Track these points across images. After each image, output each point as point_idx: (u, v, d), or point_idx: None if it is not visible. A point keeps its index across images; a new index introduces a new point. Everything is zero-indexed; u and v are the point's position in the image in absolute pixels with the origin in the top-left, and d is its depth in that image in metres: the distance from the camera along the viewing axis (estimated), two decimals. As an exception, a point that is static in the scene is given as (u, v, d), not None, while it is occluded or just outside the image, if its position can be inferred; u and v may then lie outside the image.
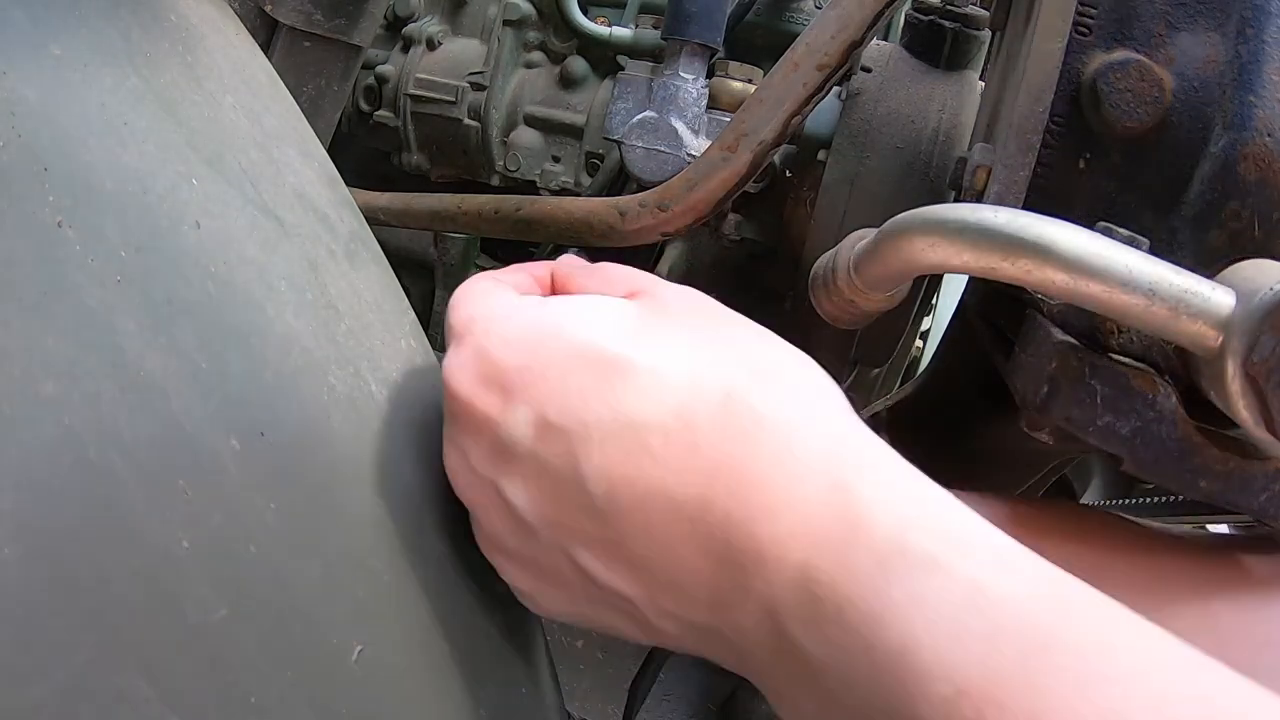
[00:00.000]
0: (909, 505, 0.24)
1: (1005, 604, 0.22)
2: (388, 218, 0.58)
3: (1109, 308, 0.27)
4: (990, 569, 0.23)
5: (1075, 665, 0.21)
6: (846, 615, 0.22)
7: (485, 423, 0.27)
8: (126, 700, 0.21)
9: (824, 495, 0.24)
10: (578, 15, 0.64)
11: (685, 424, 0.25)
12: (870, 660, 0.22)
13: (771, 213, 0.57)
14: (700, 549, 0.25)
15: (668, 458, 0.25)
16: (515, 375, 0.27)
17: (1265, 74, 0.30)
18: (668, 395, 0.25)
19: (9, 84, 0.23)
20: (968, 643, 0.21)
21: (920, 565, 0.23)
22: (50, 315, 0.22)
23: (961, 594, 0.22)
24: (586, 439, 0.25)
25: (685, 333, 0.27)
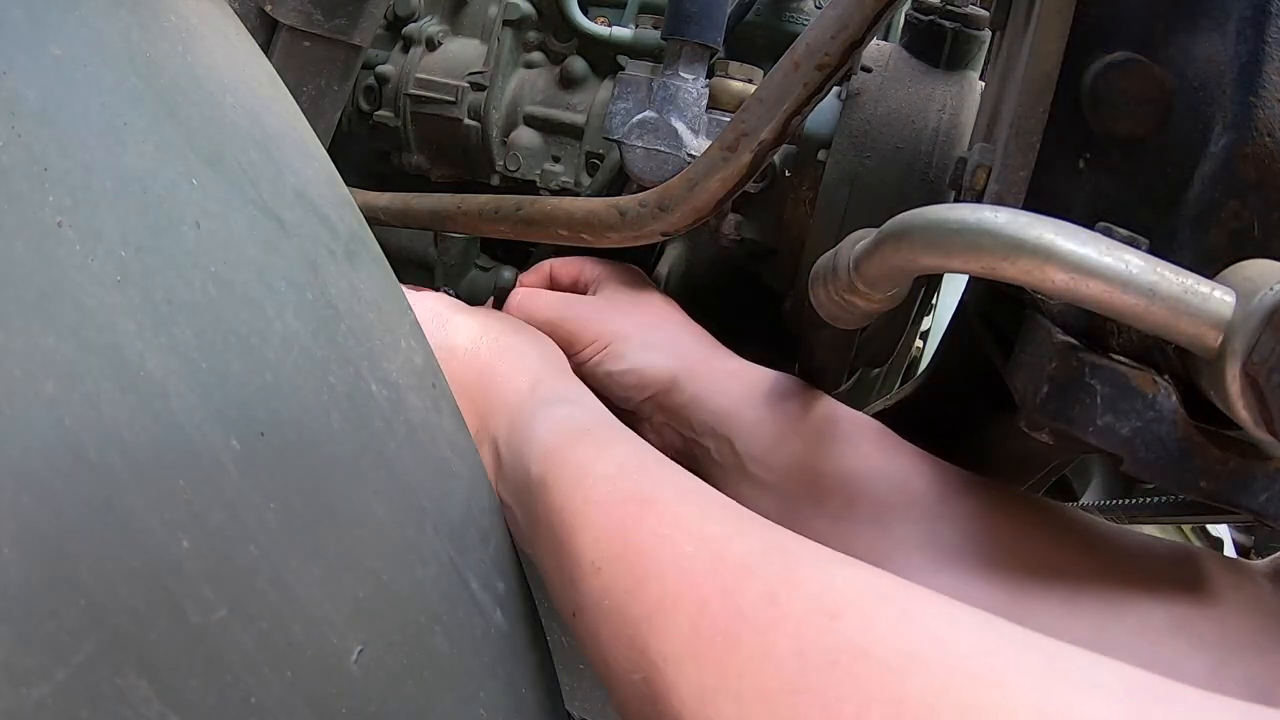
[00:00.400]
0: (564, 390, 0.44)
1: (580, 420, 0.40)
2: (388, 218, 0.58)
3: (1109, 308, 0.27)
4: (580, 410, 0.41)
5: (597, 441, 0.37)
6: (513, 431, 0.40)
7: None
8: (126, 700, 0.21)
9: (523, 386, 0.43)
10: (578, 15, 0.64)
11: (470, 350, 0.46)
12: (514, 452, 0.39)
13: (771, 213, 0.57)
14: (467, 415, 0.40)
15: (461, 364, 0.45)
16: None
17: (1265, 74, 0.30)
18: (464, 335, 0.47)
19: (9, 84, 0.23)
20: (554, 431, 0.38)
21: (549, 404, 0.41)
22: (50, 315, 0.22)
23: (561, 413, 0.40)
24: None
25: (484, 314, 0.50)
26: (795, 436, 0.46)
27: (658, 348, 0.51)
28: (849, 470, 0.44)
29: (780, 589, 0.26)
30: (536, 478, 0.36)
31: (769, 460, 0.46)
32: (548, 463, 0.36)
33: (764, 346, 0.60)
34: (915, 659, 0.22)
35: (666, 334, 0.52)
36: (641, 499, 0.32)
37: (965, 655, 0.22)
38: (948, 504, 0.41)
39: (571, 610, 0.32)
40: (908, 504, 0.42)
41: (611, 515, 0.32)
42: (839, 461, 0.44)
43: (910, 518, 0.41)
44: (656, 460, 0.35)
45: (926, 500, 0.42)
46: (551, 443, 0.37)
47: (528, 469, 0.37)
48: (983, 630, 0.23)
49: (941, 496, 0.42)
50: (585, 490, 0.34)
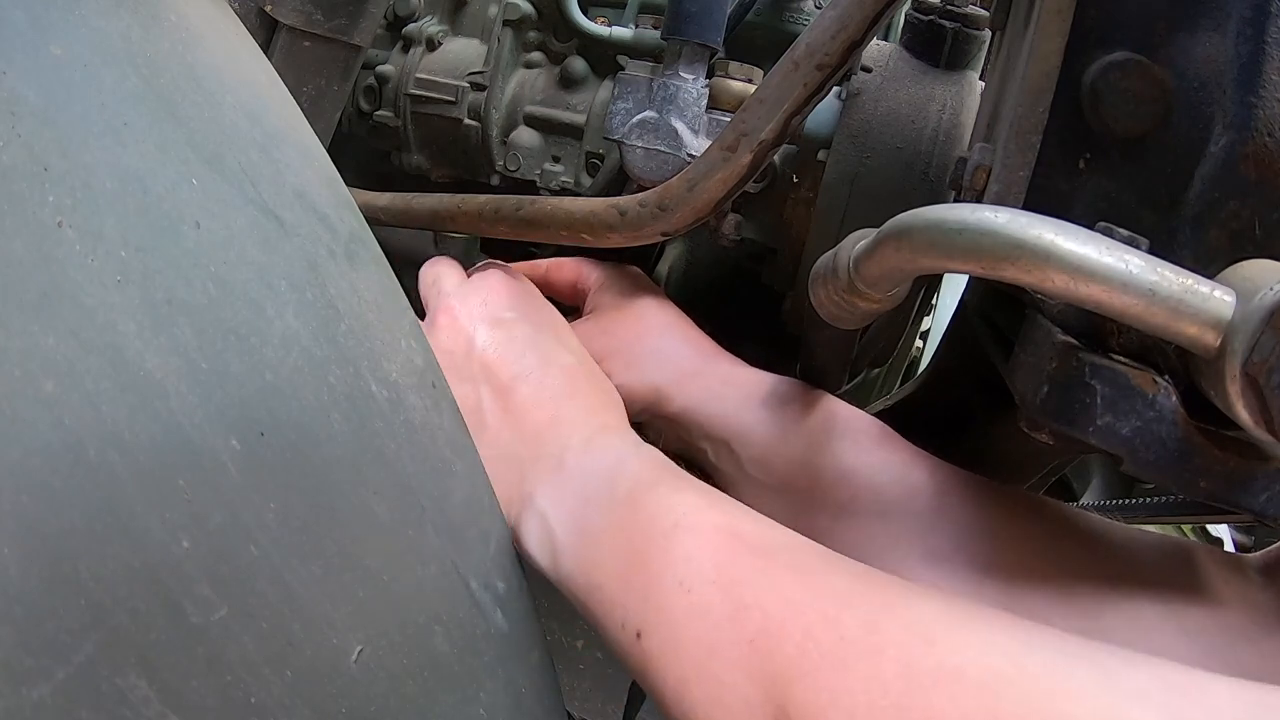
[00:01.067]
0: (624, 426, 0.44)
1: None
2: (388, 218, 0.58)
3: (1109, 308, 0.27)
4: (639, 445, 0.41)
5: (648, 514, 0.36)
6: (601, 449, 0.40)
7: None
8: (126, 700, 0.21)
9: (610, 422, 0.43)
10: (578, 15, 0.64)
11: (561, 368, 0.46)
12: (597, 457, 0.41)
13: (771, 213, 0.57)
14: (552, 405, 0.43)
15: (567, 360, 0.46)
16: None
17: (1265, 74, 0.30)
18: (543, 366, 0.45)
19: (9, 84, 0.23)
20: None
21: (641, 444, 0.41)
22: (50, 315, 0.22)
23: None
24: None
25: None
26: (795, 436, 0.46)
27: (645, 361, 0.51)
28: (849, 467, 0.44)
29: (879, 618, 0.28)
30: (622, 494, 0.37)
31: (769, 461, 0.46)
32: (636, 482, 0.37)
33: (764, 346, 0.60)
34: (1002, 678, 0.25)
35: (651, 347, 0.52)
36: (733, 530, 0.34)
37: (1040, 673, 0.25)
38: (946, 500, 0.41)
39: (636, 629, 0.33)
40: (907, 500, 0.42)
41: (704, 540, 0.33)
42: (839, 459, 0.44)
43: (909, 513, 0.42)
44: (742, 506, 0.37)
45: (925, 497, 0.42)
46: (643, 470, 0.38)
47: (610, 483, 0.38)
48: (1048, 648, 0.26)
49: (940, 493, 0.42)
50: (676, 515, 0.34)
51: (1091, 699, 0.24)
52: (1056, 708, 0.24)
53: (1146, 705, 0.23)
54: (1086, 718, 0.23)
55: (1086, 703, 0.24)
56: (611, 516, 0.36)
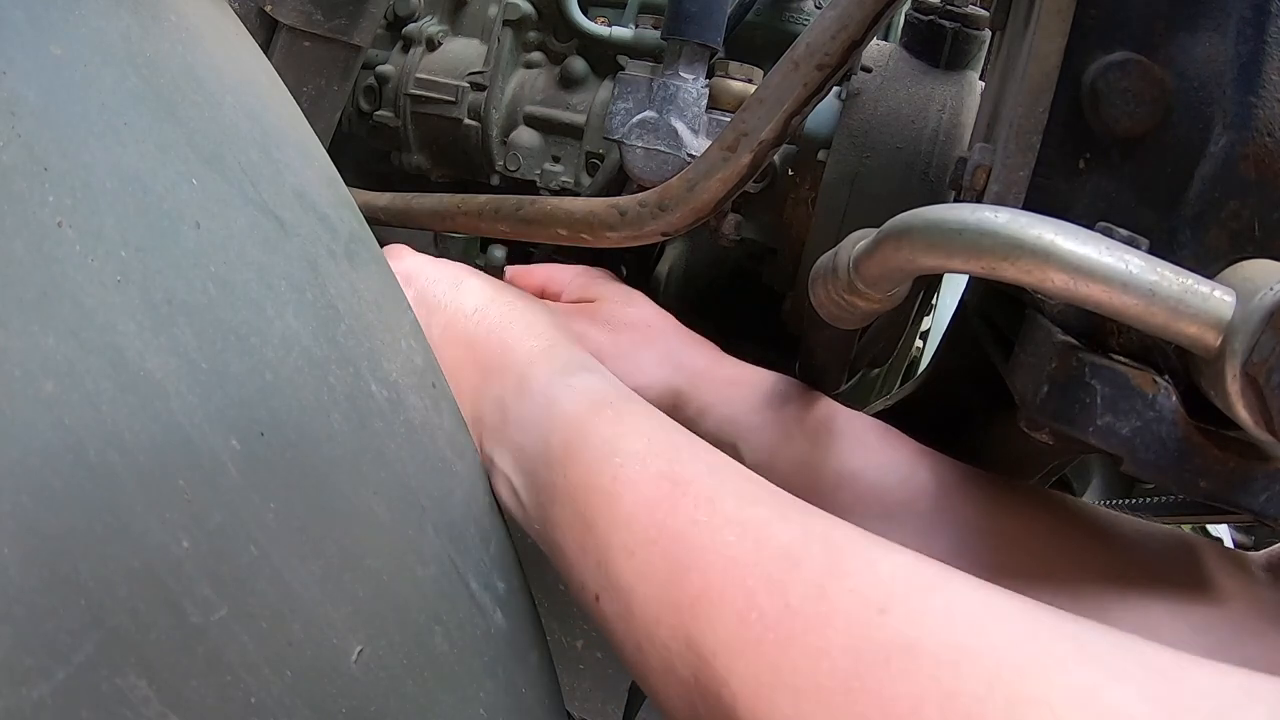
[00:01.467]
0: (579, 360, 0.41)
1: (600, 392, 0.37)
2: (388, 218, 0.58)
3: (1109, 308, 0.27)
4: (598, 380, 0.38)
5: (621, 416, 0.35)
6: (524, 392, 0.38)
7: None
8: (126, 700, 0.21)
9: (536, 349, 0.41)
10: (578, 15, 0.64)
11: (480, 309, 0.44)
12: (524, 414, 0.38)
13: (771, 213, 0.57)
14: (467, 368, 0.41)
15: (468, 321, 0.43)
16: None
17: (1265, 74, 0.30)
18: (475, 296, 0.45)
19: (9, 84, 0.23)
20: (575, 401, 0.36)
21: (565, 371, 0.39)
22: (50, 315, 0.22)
23: (579, 383, 0.38)
24: (433, 310, 0.45)
25: (496, 283, 0.48)
26: (798, 438, 0.46)
27: (656, 365, 0.51)
28: (853, 468, 0.44)
29: (827, 581, 0.26)
30: (558, 447, 0.35)
31: (773, 463, 0.46)
32: (570, 433, 0.35)
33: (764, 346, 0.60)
34: (963, 652, 0.23)
35: (662, 348, 0.52)
36: (674, 479, 0.31)
37: (1007, 646, 0.23)
38: (951, 498, 0.41)
39: (595, 593, 0.32)
40: (912, 499, 0.42)
41: (644, 495, 0.31)
42: (843, 460, 0.44)
43: (914, 511, 0.42)
44: (685, 437, 0.34)
45: (930, 495, 0.42)
46: (573, 411, 0.36)
47: (545, 437, 0.36)
48: (1020, 618, 0.24)
49: (944, 491, 0.42)
50: (614, 468, 0.32)
51: (1065, 678, 0.21)
52: (1025, 689, 0.21)
53: (1126, 686, 0.21)
54: (1059, 701, 0.21)
55: (1059, 682, 0.21)
56: (555, 477, 0.35)
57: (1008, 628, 0.23)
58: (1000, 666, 0.22)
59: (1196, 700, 0.21)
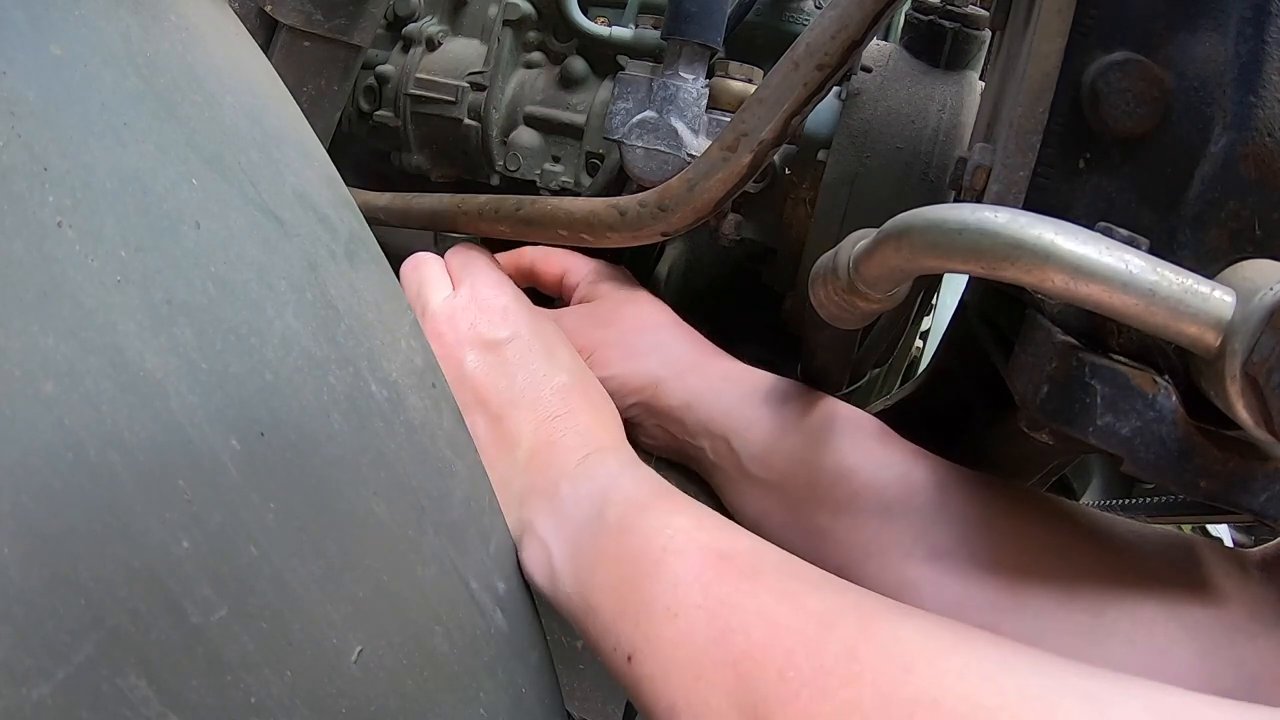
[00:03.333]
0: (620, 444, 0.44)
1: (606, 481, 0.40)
2: (388, 218, 0.58)
3: (1109, 308, 0.27)
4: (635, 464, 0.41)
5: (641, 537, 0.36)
6: (590, 476, 0.40)
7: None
8: (126, 700, 0.21)
9: (605, 442, 0.43)
10: (578, 15, 0.64)
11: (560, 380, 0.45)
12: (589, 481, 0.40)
13: (771, 213, 0.57)
14: (548, 433, 0.43)
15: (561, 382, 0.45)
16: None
17: (1265, 74, 0.30)
18: (535, 388, 0.45)
19: (9, 84, 0.23)
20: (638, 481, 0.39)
21: (635, 464, 0.41)
22: (50, 315, 0.22)
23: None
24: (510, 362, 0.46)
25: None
26: (794, 433, 0.46)
27: (643, 353, 0.51)
28: (850, 465, 0.44)
29: (858, 643, 0.28)
30: (613, 519, 0.37)
31: (768, 458, 0.46)
32: (628, 508, 0.37)
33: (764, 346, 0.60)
34: (981, 709, 0.25)
35: (652, 340, 0.52)
36: (721, 552, 0.34)
37: (1020, 700, 0.25)
38: (947, 497, 0.41)
39: (628, 654, 0.33)
40: (908, 497, 0.42)
41: (692, 563, 0.34)
42: (840, 457, 0.44)
43: (911, 510, 0.42)
44: (732, 525, 0.37)
45: (927, 494, 0.42)
46: (635, 493, 0.38)
47: (601, 510, 0.38)
48: (1034, 674, 0.26)
49: (941, 490, 0.42)
50: (665, 539, 0.35)
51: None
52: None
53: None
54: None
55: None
56: (604, 542, 0.37)
57: (1022, 684, 0.25)
58: (1013, 718, 0.24)
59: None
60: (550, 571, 0.38)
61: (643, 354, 0.51)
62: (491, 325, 0.46)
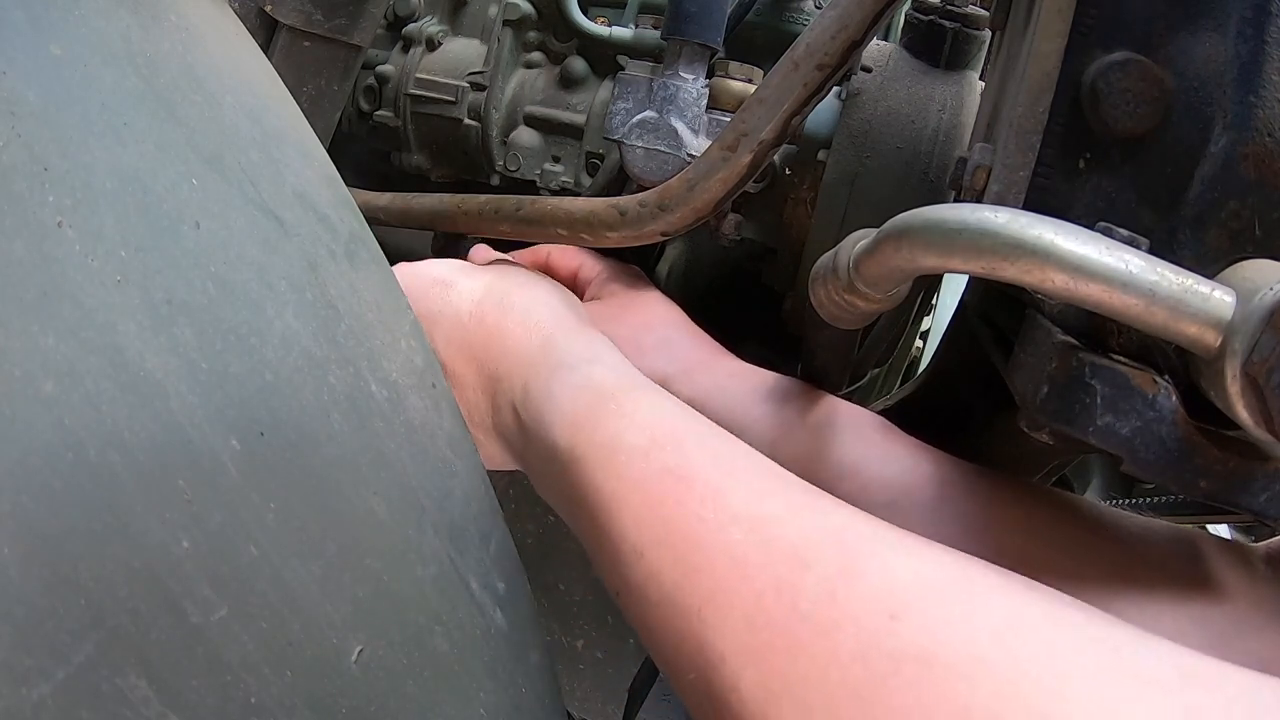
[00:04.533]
0: (580, 349, 0.40)
1: (601, 384, 0.37)
2: (388, 218, 0.58)
3: (1109, 308, 0.27)
4: (600, 369, 0.38)
5: (623, 409, 0.35)
6: (529, 396, 0.39)
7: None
8: (126, 700, 0.21)
9: (534, 346, 0.41)
10: (578, 15, 0.64)
11: (475, 313, 0.44)
12: (535, 419, 0.38)
13: (771, 213, 0.57)
14: (478, 378, 0.42)
15: (465, 329, 0.43)
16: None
17: (1265, 74, 0.30)
18: (468, 299, 0.44)
19: (9, 84, 0.23)
20: (575, 399, 0.37)
21: (565, 367, 0.39)
22: (50, 315, 0.22)
23: (580, 378, 0.38)
24: (434, 321, 0.44)
25: (491, 273, 0.47)
26: (798, 431, 0.46)
27: (650, 352, 0.51)
28: (855, 459, 0.44)
29: (839, 584, 0.25)
30: (565, 450, 0.35)
31: (772, 456, 0.46)
32: (575, 434, 0.35)
33: (764, 346, 0.60)
34: (980, 664, 0.22)
35: (661, 337, 0.52)
36: (679, 475, 0.31)
37: (1029, 658, 0.22)
38: (953, 487, 0.42)
39: (615, 589, 0.32)
40: (913, 491, 0.42)
41: (649, 494, 0.31)
42: (844, 451, 0.44)
43: (916, 504, 0.42)
44: (692, 423, 0.34)
45: (932, 488, 0.42)
46: (572, 411, 0.36)
47: (553, 440, 0.36)
48: (1044, 625, 0.23)
49: (945, 484, 0.42)
50: (618, 466, 0.32)
51: (1087, 692, 0.20)
52: (1046, 704, 0.20)
53: (1154, 698, 0.20)
54: (1079, 717, 0.20)
55: (1081, 696, 0.20)
56: (565, 482, 0.35)
57: (1030, 636, 0.22)
58: (1019, 679, 0.21)
59: (1230, 706, 0.20)
60: (559, 504, 0.37)
61: (650, 352, 0.51)
62: (437, 271, 0.47)
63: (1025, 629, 0.23)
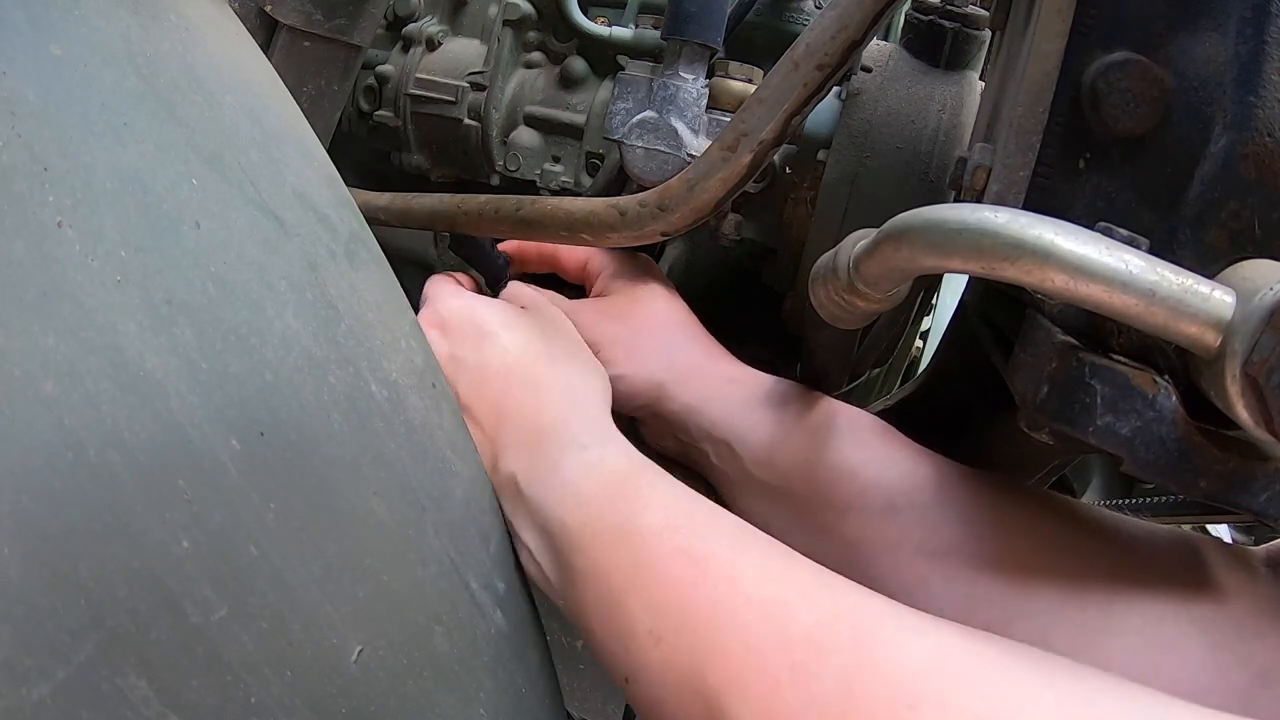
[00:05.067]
0: (595, 432, 0.40)
1: (615, 466, 0.37)
2: (388, 218, 0.58)
3: (1109, 308, 0.27)
4: (614, 451, 0.39)
5: (639, 490, 0.35)
6: (535, 470, 0.39)
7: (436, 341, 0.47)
8: (126, 700, 0.21)
9: (547, 423, 0.41)
10: (578, 15, 0.64)
11: (502, 373, 0.44)
12: (538, 495, 0.38)
13: (771, 213, 0.57)
14: (489, 432, 0.42)
15: (488, 383, 0.44)
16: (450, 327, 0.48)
17: (1265, 74, 0.30)
18: (497, 358, 0.44)
19: (9, 84, 0.23)
20: (586, 477, 0.37)
21: (577, 446, 0.39)
22: (50, 315, 0.22)
23: (593, 457, 0.38)
24: (461, 364, 0.45)
25: (530, 333, 0.47)
26: (797, 435, 0.46)
27: (649, 355, 0.51)
28: (854, 463, 0.44)
29: (854, 674, 0.26)
30: (574, 528, 0.35)
31: (772, 461, 0.46)
32: (585, 513, 0.35)
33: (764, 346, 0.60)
34: None
35: (661, 340, 0.52)
36: (693, 554, 0.32)
37: None
38: (952, 494, 0.41)
39: (624, 676, 0.32)
40: (913, 495, 0.42)
41: (666, 577, 0.32)
42: (843, 457, 0.44)
43: (916, 508, 0.42)
44: (705, 508, 0.35)
45: (931, 492, 0.42)
46: (589, 492, 0.36)
47: (561, 517, 0.36)
48: (1061, 711, 0.23)
49: (946, 487, 0.42)
50: (634, 549, 0.33)
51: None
52: None
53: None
54: None
55: None
56: (577, 561, 0.35)
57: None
58: None
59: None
60: (544, 580, 0.38)
61: (649, 355, 0.51)
62: (480, 315, 0.47)
63: (1042, 714, 0.23)
